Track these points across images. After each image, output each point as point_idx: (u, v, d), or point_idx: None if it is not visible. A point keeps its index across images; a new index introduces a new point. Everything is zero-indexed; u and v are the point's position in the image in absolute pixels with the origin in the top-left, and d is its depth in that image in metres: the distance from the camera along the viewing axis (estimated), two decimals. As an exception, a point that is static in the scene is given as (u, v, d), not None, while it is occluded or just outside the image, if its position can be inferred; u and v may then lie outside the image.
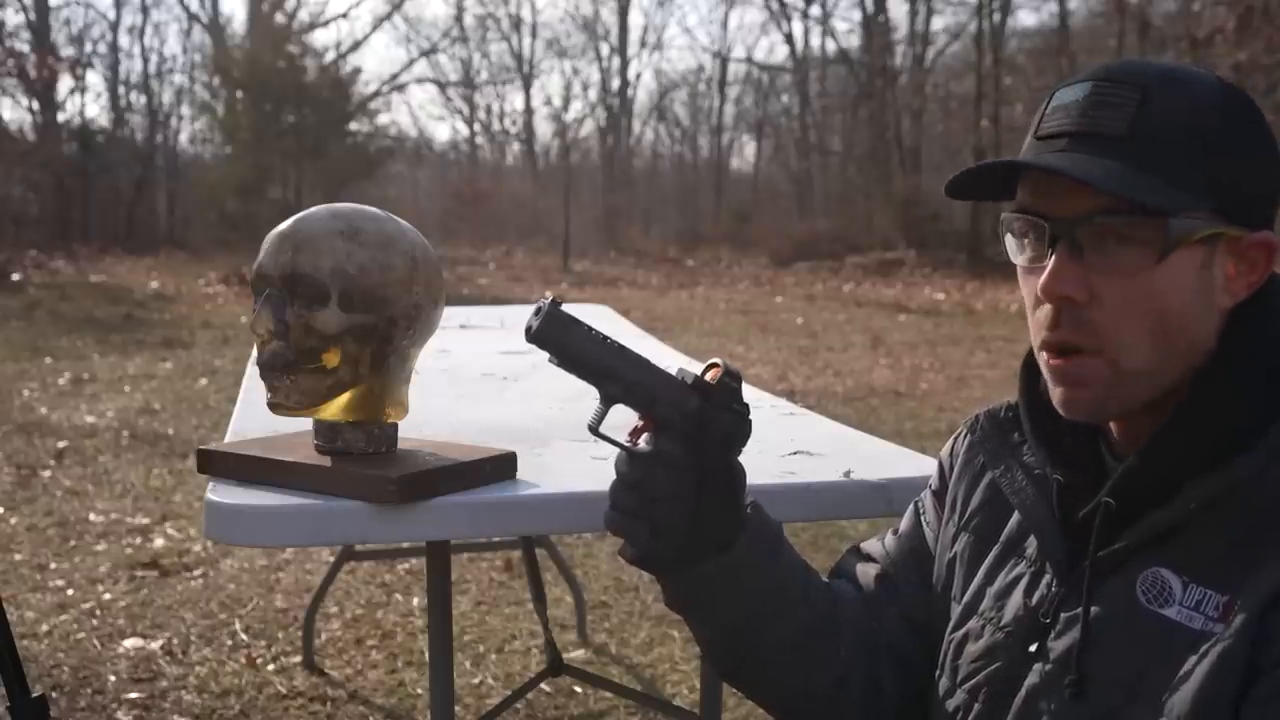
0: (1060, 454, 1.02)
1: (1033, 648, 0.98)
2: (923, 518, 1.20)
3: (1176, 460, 0.92)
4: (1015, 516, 1.06)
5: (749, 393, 1.16)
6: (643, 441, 1.06)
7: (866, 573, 1.20)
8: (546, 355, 1.05)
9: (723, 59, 31.64)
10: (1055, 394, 0.97)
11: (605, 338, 1.06)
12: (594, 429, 1.06)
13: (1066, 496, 1.01)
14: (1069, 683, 0.94)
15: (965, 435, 1.16)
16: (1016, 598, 1.02)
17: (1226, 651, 0.85)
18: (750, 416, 1.09)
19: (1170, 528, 0.91)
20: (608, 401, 1.07)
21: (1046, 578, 1.00)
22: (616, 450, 1.07)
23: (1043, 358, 0.98)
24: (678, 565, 1.09)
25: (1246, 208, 0.92)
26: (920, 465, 1.50)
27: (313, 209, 1.34)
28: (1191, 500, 0.90)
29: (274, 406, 1.32)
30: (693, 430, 1.05)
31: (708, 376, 1.08)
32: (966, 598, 1.08)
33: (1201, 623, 0.88)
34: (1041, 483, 1.03)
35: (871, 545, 1.24)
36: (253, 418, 1.67)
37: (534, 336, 1.03)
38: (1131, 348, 0.92)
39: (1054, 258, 0.92)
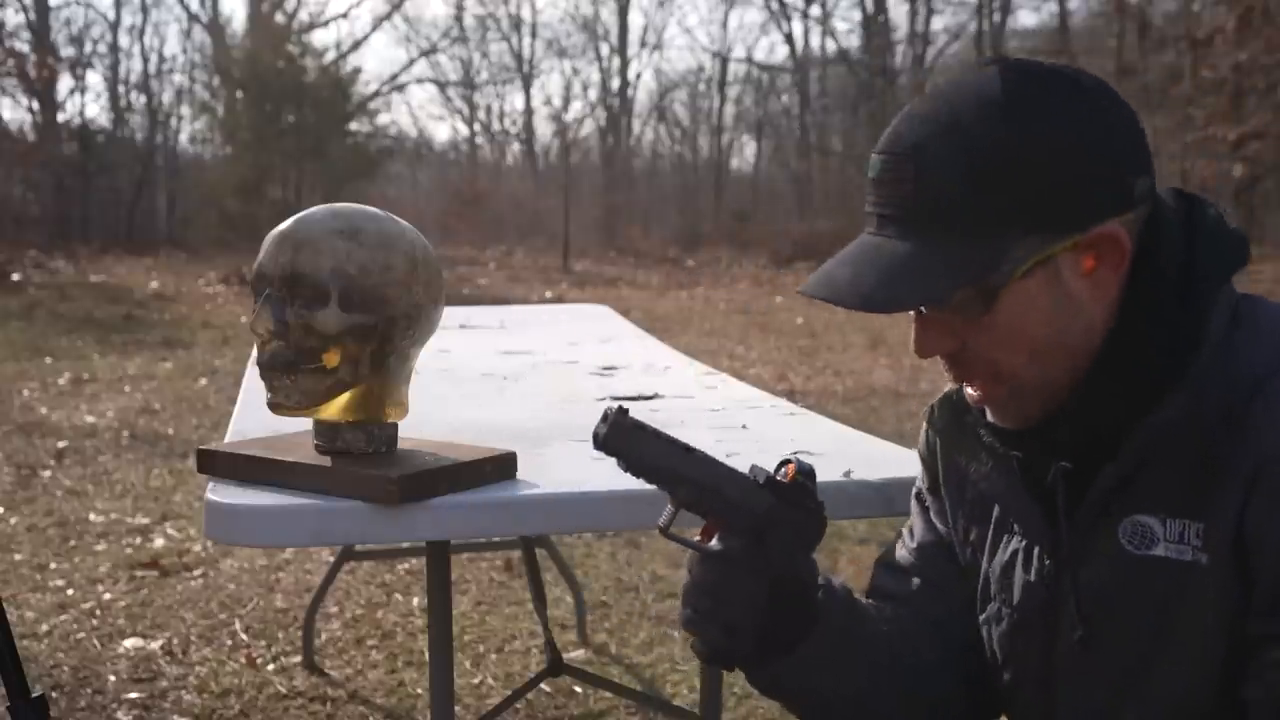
0: (1013, 431, 1.05)
1: (1047, 618, 1.03)
2: (930, 514, 1.21)
3: (1104, 412, 0.95)
4: None
5: (749, 393, 1.16)
6: (715, 541, 1.05)
7: (903, 585, 1.21)
8: (615, 461, 1.03)
9: (723, 59, 31.62)
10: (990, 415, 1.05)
11: (673, 440, 1.04)
12: (664, 530, 1.05)
13: (1029, 468, 1.04)
14: (1078, 638, 0.99)
15: (929, 428, 1.19)
16: (1018, 574, 1.07)
17: (1215, 575, 0.91)
18: (825, 514, 1.07)
19: (1128, 473, 0.95)
20: (680, 506, 1.05)
21: (1037, 550, 1.05)
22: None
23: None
24: (750, 663, 1.09)
25: (1072, 210, 0.92)
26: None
27: (312, 209, 1.34)
28: (1137, 443, 0.93)
29: (274, 406, 1.33)
30: (764, 530, 1.03)
31: (782, 473, 1.06)
32: (980, 582, 1.12)
33: (1191, 554, 0.93)
34: (1004, 460, 1.06)
35: (903, 559, 1.22)
36: (253, 418, 1.67)
37: (602, 445, 1.02)
38: (1017, 371, 0.97)
39: (915, 323, 1.01)
